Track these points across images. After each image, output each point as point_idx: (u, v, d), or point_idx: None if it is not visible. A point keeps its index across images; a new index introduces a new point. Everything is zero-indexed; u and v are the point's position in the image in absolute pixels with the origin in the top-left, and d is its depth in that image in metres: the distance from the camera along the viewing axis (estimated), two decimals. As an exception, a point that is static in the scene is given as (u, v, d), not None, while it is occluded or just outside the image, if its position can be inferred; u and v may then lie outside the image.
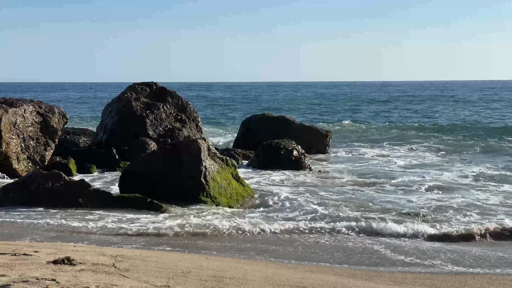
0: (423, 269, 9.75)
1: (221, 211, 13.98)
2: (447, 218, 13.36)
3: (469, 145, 28.60)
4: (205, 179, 14.62)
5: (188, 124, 22.77)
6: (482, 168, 21.29)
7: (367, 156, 25.08)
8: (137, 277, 6.89)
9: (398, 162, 23.02)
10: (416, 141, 30.19)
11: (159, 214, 13.47)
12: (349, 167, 21.74)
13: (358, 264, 9.99)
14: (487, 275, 9.37)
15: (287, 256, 10.44)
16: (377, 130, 35.88)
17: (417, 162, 23.10)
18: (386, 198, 15.79)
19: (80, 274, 6.70)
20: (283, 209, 14.33)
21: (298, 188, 17.05)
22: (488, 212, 13.94)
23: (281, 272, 8.43)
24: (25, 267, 6.86)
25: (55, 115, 19.48)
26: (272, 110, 51.16)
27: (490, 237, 12.03)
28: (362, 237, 11.97)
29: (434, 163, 23.04)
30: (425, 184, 17.72)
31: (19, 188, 14.28)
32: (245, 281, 7.29)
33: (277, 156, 21.10)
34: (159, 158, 15.21)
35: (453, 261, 10.23)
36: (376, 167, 21.73)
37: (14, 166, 18.03)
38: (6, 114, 18.09)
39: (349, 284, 8.00)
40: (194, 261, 8.77)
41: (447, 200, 15.35)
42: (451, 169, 21.15)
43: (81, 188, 14.13)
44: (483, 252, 10.88)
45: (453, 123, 40.36)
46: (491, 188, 17.24)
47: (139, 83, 23.58)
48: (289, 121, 26.71)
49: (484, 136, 32.65)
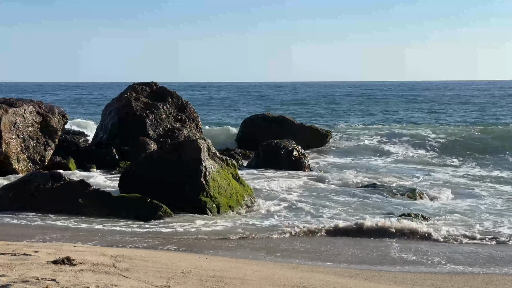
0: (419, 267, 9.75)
1: (221, 211, 14.00)
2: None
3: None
4: (205, 179, 14.61)
5: (188, 124, 22.78)
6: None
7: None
8: (137, 277, 6.89)
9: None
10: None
11: (158, 214, 13.46)
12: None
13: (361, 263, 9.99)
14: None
15: (288, 256, 10.44)
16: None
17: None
18: (383, 200, 15.79)
19: (80, 274, 6.70)
20: (282, 209, 14.33)
21: (298, 188, 17.05)
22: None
23: (281, 272, 8.43)
24: (25, 267, 6.86)
25: (55, 115, 19.48)
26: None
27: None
28: (364, 238, 11.97)
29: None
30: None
31: (19, 188, 14.27)
32: (245, 281, 7.29)
33: (277, 156, 21.10)
34: (159, 158, 15.21)
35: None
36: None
37: (14, 166, 18.04)
38: (6, 114, 18.10)
39: (349, 284, 8.00)
40: (194, 261, 8.77)
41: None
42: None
43: (81, 188, 14.12)
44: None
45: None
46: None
47: (139, 83, 23.59)
48: (289, 121, 26.73)
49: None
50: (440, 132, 30.60)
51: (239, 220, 13.22)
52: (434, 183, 18.43)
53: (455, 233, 12.00)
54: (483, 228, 12.47)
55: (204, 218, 13.35)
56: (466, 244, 11.55)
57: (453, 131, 30.87)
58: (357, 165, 22.33)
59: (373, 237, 11.96)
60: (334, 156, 24.98)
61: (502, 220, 13.17)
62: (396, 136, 30.67)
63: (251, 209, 14.46)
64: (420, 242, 11.68)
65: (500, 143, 27.34)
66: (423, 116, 48.25)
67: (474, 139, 28.40)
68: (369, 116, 49.53)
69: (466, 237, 11.81)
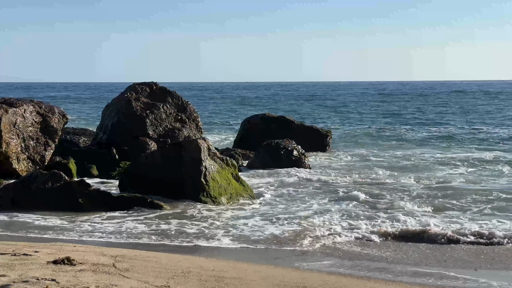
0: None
1: (221, 211, 13.99)
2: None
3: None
4: (205, 179, 14.62)
5: (188, 124, 22.76)
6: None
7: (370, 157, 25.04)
8: (137, 277, 6.89)
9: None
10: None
11: (159, 214, 13.47)
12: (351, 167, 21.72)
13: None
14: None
15: (286, 256, 10.44)
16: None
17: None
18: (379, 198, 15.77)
19: (80, 274, 6.70)
20: (282, 209, 14.32)
21: (298, 189, 17.05)
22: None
23: (281, 272, 8.43)
24: (25, 267, 6.86)
25: (55, 115, 19.46)
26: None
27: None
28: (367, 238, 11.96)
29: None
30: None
31: (19, 188, 14.27)
32: (245, 281, 7.29)
33: (277, 156, 21.09)
34: (159, 158, 15.22)
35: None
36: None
37: (14, 166, 18.01)
38: (6, 114, 18.08)
39: (349, 284, 8.01)
40: (194, 261, 8.77)
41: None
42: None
43: (81, 188, 14.12)
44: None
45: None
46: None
47: (139, 83, 23.56)
48: (289, 121, 26.71)
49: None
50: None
51: (238, 221, 13.20)
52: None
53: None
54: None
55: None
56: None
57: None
58: (358, 165, 22.30)
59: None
60: (334, 156, 24.95)
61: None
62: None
63: (250, 209, 14.43)
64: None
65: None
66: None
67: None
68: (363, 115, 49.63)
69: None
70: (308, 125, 28.15)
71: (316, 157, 24.23)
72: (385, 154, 25.40)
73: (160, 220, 12.98)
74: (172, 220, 12.99)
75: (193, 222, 12.84)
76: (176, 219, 13.07)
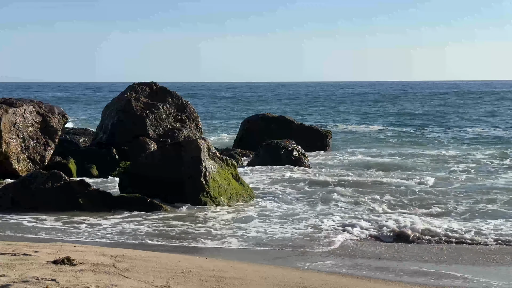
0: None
1: (221, 211, 13.99)
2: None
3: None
4: (205, 179, 14.62)
5: (188, 124, 22.76)
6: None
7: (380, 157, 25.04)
8: (137, 277, 6.88)
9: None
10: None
11: (159, 214, 13.47)
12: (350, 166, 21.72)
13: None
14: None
15: (286, 256, 10.44)
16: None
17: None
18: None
19: (80, 274, 6.70)
20: (282, 209, 14.33)
21: (298, 189, 17.05)
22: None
23: (281, 272, 8.43)
24: (25, 267, 6.86)
25: (55, 115, 19.46)
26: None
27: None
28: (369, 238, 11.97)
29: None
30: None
31: (19, 188, 14.27)
32: (245, 281, 7.29)
33: (277, 156, 21.09)
34: (159, 158, 15.21)
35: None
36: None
37: (14, 166, 18.01)
38: (6, 114, 18.08)
39: (349, 284, 8.01)
40: (194, 261, 8.77)
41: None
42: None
43: (81, 188, 14.12)
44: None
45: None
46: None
47: (139, 83, 23.55)
48: (289, 121, 26.72)
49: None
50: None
51: (238, 222, 13.20)
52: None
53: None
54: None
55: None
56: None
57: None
58: (358, 165, 22.29)
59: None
60: (334, 156, 24.95)
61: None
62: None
63: (250, 209, 14.44)
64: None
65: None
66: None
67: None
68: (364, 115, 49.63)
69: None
70: (308, 125, 28.15)
71: (316, 157, 24.22)
72: (385, 154, 25.39)
73: (160, 220, 12.99)
74: (172, 220, 13.00)
75: (193, 222, 12.85)
76: (176, 219, 13.08)
